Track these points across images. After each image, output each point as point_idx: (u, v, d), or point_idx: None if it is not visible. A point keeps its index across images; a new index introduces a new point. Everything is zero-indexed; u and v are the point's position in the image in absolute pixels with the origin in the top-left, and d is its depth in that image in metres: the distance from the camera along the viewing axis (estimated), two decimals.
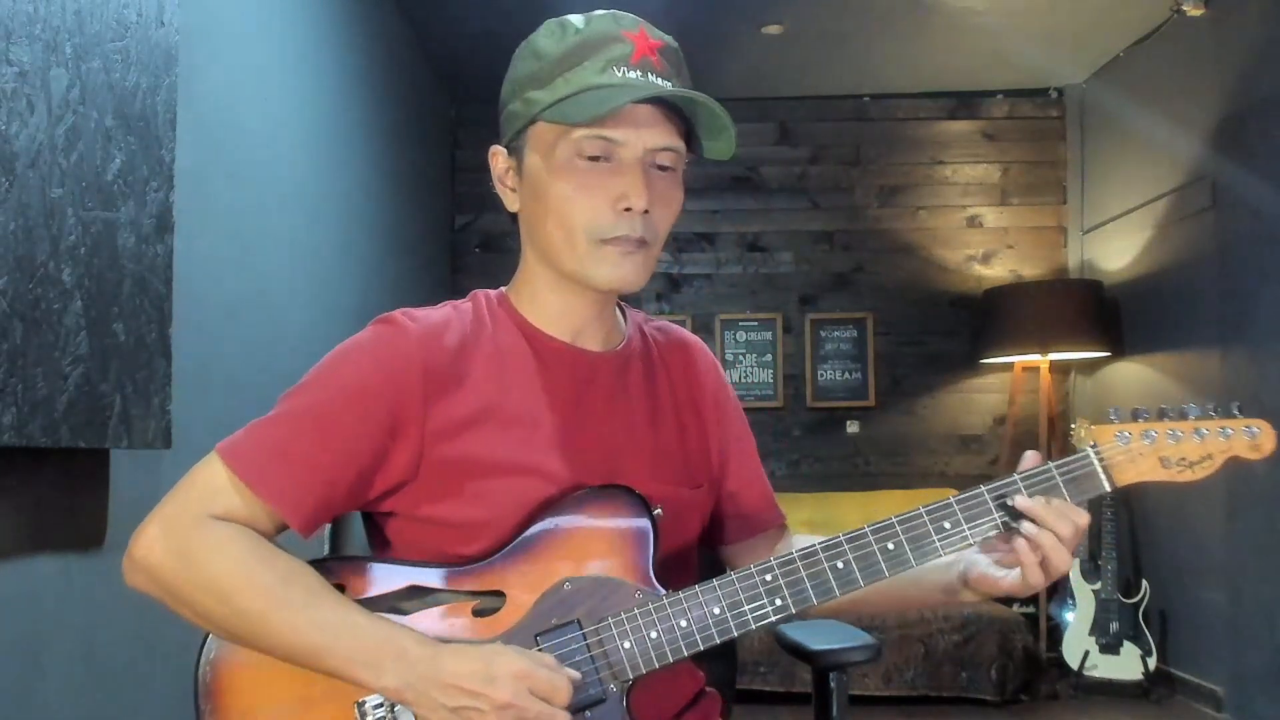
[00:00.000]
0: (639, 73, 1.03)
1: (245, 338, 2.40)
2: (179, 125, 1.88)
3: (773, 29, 4.15)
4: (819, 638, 1.40)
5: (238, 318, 2.36)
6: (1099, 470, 1.01)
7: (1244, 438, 1.02)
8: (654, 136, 1.03)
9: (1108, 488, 1.02)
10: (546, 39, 1.06)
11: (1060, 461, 1.02)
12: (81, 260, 1.57)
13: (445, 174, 4.85)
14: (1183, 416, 1.03)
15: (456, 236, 4.94)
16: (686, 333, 1.28)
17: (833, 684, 1.36)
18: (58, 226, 1.51)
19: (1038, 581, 0.99)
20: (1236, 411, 1.03)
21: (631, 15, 1.07)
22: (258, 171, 2.50)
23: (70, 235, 1.54)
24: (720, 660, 1.29)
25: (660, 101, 1.03)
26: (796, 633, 1.41)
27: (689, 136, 1.08)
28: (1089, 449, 1.02)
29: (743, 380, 4.86)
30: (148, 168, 1.77)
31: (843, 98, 4.95)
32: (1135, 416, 1.02)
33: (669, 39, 1.08)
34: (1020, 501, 0.99)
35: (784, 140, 4.93)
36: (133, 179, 1.72)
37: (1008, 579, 1.01)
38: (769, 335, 4.89)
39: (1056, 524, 0.98)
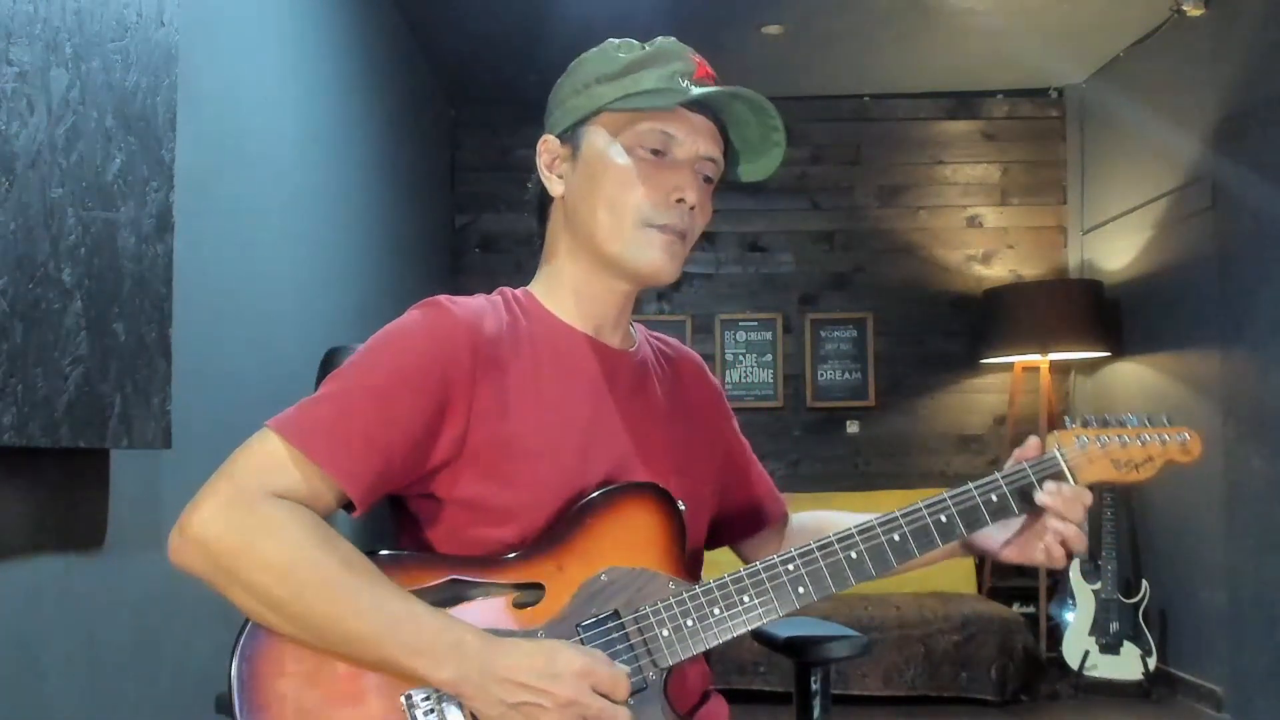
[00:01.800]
0: (699, 88, 1.10)
1: (245, 338, 2.40)
2: (179, 125, 1.88)
3: (773, 29, 4.15)
4: (801, 633, 1.39)
5: (238, 318, 2.36)
6: (1065, 470, 1.13)
7: (1176, 442, 1.15)
8: (706, 145, 1.12)
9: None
10: (617, 49, 1.15)
11: (1033, 461, 1.14)
12: (81, 260, 1.57)
13: (445, 174, 4.84)
14: (1123, 425, 1.15)
15: (456, 236, 4.94)
16: (688, 348, 1.36)
17: (815, 681, 1.36)
18: (58, 226, 1.51)
19: (1057, 563, 1.13)
20: (1165, 420, 1.16)
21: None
22: (258, 171, 2.50)
23: (70, 235, 1.54)
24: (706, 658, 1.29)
25: (713, 119, 1.13)
26: (779, 629, 1.39)
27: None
28: (1056, 451, 1.14)
29: (743, 380, 4.86)
30: (148, 168, 1.77)
31: (843, 98, 4.95)
32: (1086, 424, 1.15)
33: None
34: (1041, 497, 1.11)
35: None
36: (133, 179, 1.72)
37: (1014, 553, 1.16)
38: (769, 335, 4.89)
39: (1072, 512, 1.11)
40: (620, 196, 1.10)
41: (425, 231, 4.43)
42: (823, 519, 1.32)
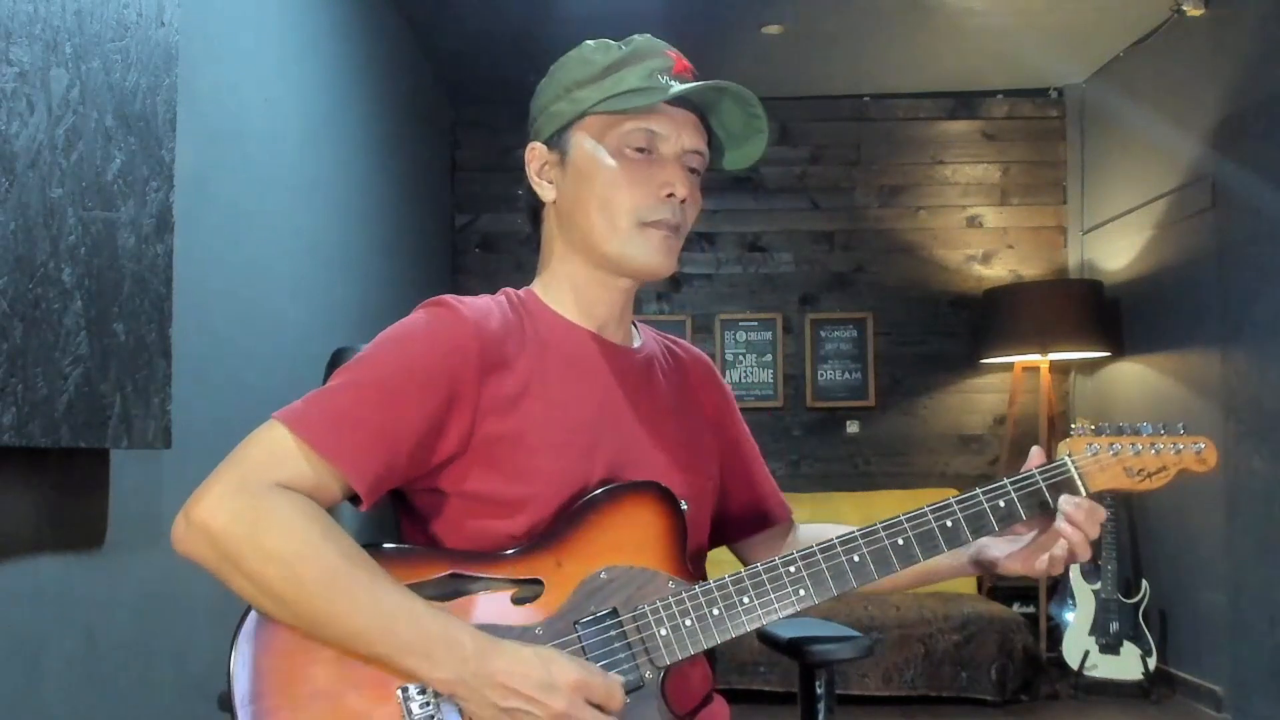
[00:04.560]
0: (678, 82, 1.13)
1: (245, 338, 2.40)
2: (179, 125, 1.89)
3: (773, 29, 4.15)
4: (805, 634, 1.38)
5: (238, 318, 2.36)
6: (1076, 477, 1.12)
7: (1191, 452, 1.14)
8: (690, 138, 1.14)
9: (1083, 493, 1.13)
10: (594, 51, 1.16)
11: (1042, 468, 1.13)
12: (81, 260, 1.57)
13: (445, 174, 4.84)
14: (1137, 433, 1.15)
15: (456, 236, 4.94)
16: (698, 349, 1.37)
17: (819, 682, 1.35)
18: (58, 226, 1.51)
19: (1058, 572, 1.12)
20: (1181, 429, 1.16)
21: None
22: (258, 171, 2.50)
23: (70, 235, 1.54)
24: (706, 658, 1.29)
25: (694, 111, 1.15)
26: (782, 630, 1.39)
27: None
28: (1066, 458, 1.13)
29: (743, 380, 4.86)
30: (148, 168, 1.77)
31: (843, 98, 4.95)
32: (1099, 432, 1.15)
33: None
34: (1065, 505, 1.10)
35: (784, 140, 4.93)
36: (133, 179, 1.72)
37: (1018, 564, 1.14)
38: (769, 335, 4.89)
39: (1090, 526, 1.09)
40: (612, 198, 1.12)
41: (425, 231, 4.43)
42: (829, 530, 1.31)
